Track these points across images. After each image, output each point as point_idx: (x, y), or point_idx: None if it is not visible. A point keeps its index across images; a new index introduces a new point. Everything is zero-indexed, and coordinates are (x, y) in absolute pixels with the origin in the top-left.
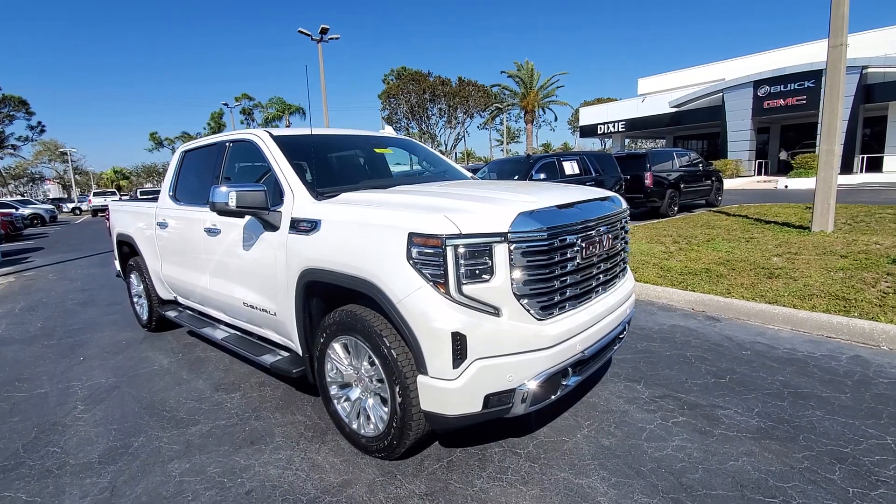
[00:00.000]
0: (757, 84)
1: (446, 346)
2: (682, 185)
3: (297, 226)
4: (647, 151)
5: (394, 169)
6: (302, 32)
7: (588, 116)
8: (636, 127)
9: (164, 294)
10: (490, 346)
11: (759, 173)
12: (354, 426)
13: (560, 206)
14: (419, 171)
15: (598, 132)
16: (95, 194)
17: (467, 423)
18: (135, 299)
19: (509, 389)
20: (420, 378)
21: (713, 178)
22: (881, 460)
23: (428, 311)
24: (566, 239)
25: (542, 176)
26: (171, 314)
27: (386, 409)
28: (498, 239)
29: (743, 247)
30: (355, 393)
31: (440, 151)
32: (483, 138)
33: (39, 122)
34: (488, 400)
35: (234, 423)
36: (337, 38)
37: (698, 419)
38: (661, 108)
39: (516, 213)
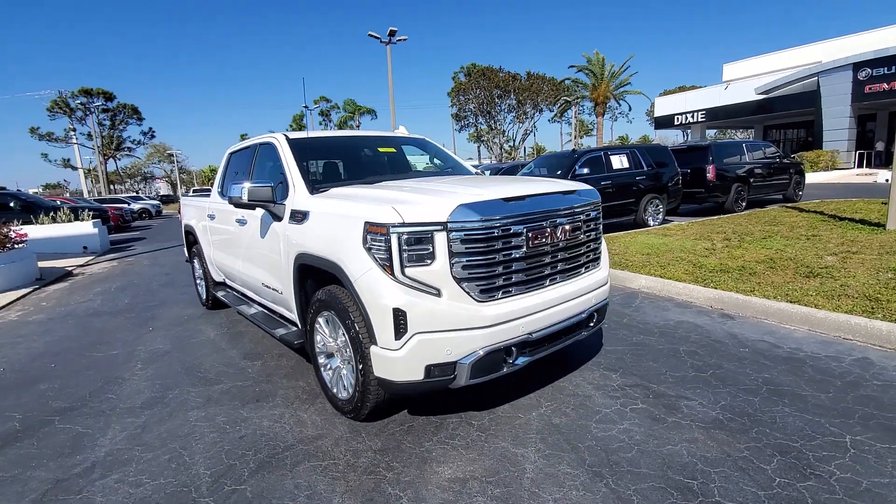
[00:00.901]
0: (857, 66)
1: (389, 320)
2: (751, 180)
3: (294, 216)
4: (710, 143)
5: (419, 166)
6: (372, 36)
7: (664, 107)
8: (718, 116)
9: (216, 276)
10: (429, 322)
11: (861, 165)
12: (334, 391)
13: (507, 199)
14: (429, 167)
15: (676, 123)
16: (194, 191)
17: (415, 390)
18: (197, 281)
19: (450, 362)
20: (373, 348)
21: (791, 172)
22: (826, 456)
23: (376, 290)
24: (510, 229)
25: (586, 171)
26: (220, 294)
27: (353, 376)
28: (438, 228)
29: (799, 245)
30: (336, 362)
31: (510, 146)
32: (554, 132)
33: (150, 128)
34: (430, 370)
35: (249, 384)
36: (405, 40)
37: (658, 408)
38: (747, 96)
39: (456, 204)
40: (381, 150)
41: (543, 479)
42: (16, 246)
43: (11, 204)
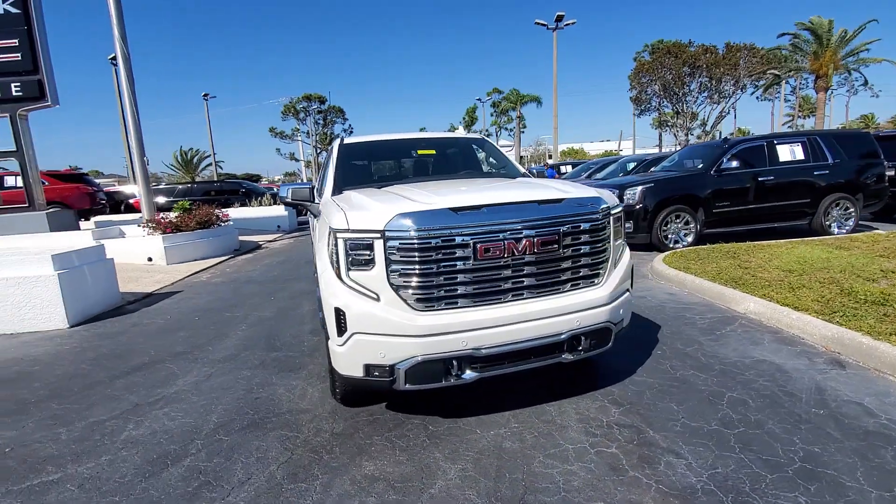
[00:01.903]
0: None
1: (333, 318)
2: None
3: (317, 214)
4: None
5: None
6: (538, 24)
7: None
8: None
9: None
10: (366, 324)
11: None
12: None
13: (457, 209)
14: (485, 169)
15: None
16: None
17: (360, 386)
18: None
19: (388, 365)
20: (329, 342)
21: None
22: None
23: (326, 289)
24: (453, 240)
25: (735, 165)
26: None
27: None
28: (376, 235)
29: None
30: None
31: (703, 131)
32: (763, 112)
33: (350, 126)
34: (368, 369)
35: (295, 356)
36: (573, 23)
37: (630, 457)
38: None
39: (393, 214)
40: (419, 153)
41: (442, 498)
42: (221, 224)
43: (241, 190)
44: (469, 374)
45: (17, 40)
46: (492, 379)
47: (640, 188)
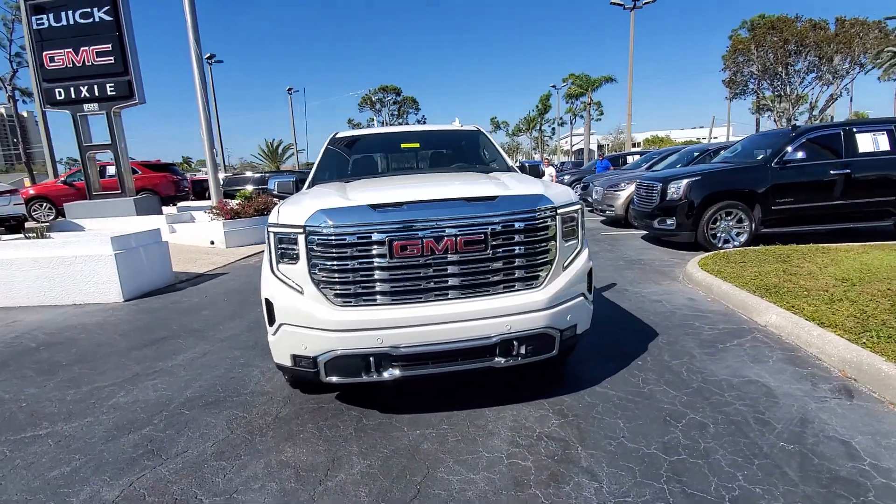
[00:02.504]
0: None
1: (264, 308)
2: None
3: None
4: None
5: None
6: (614, 4)
7: None
8: None
9: None
10: (291, 316)
11: None
12: None
13: (376, 206)
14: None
15: None
16: None
17: (291, 374)
18: None
19: (311, 356)
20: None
21: None
22: None
23: (263, 280)
24: (370, 237)
25: (801, 155)
26: None
27: None
28: (299, 231)
29: None
30: None
31: (810, 116)
32: (887, 94)
33: (423, 116)
34: (295, 359)
35: None
36: (652, 1)
37: (541, 472)
38: None
39: (314, 210)
40: (404, 146)
41: (334, 492)
42: None
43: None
44: (391, 372)
45: (110, 45)
46: (441, 376)
47: (684, 181)
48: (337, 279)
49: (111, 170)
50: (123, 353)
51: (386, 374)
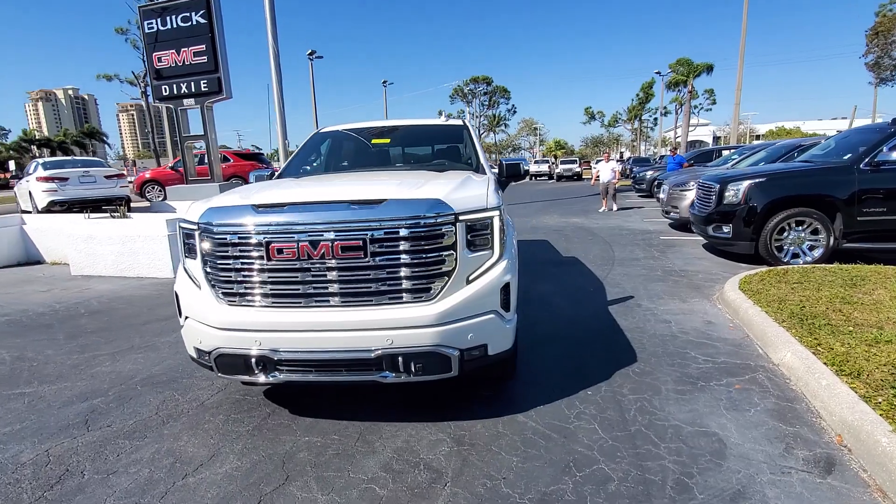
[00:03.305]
0: None
1: (175, 300)
2: None
3: None
4: None
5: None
6: None
7: None
8: None
9: None
10: (191, 310)
11: None
12: None
13: (259, 206)
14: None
15: None
16: (536, 162)
17: (200, 366)
18: None
19: (206, 351)
20: None
21: None
22: None
23: (177, 273)
24: (249, 238)
25: None
26: None
27: None
28: (195, 227)
29: None
30: None
31: None
32: None
33: (513, 105)
34: (198, 352)
35: None
36: None
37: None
38: None
39: (206, 207)
40: (374, 142)
41: (186, 489)
42: None
43: None
44: (275, 376)
45: (204, 45)
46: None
47: (745, 183)
48: (222, 278)
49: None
50: (138, 326)
51: (271, 377)
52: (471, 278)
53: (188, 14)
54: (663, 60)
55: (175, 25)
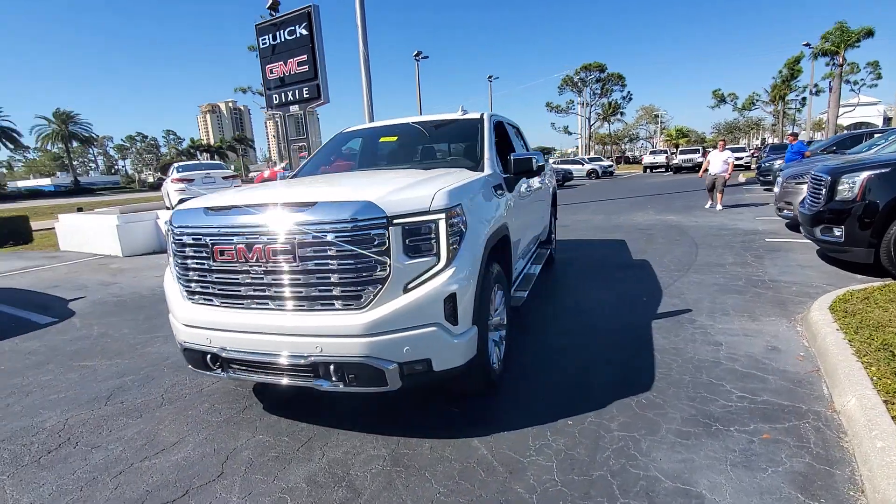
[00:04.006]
0: None
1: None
2: None
3: None
4: None
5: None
6: None
7: None
8: None
9: None
10: (170, 305)
11: None
12: None
13: (210, 209)
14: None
15: None
16: (652, 153)
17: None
18: None
19: (179, 343)
20: None
21: None
22: None
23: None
24: (200, 239)
25: None
26: None
27: None
28: (168, 227)
29: None
30: None
31: None
32: None
33: (629, 92)
34: (181, 344)
35: None
36: None
37: None
38: None
39: (175, 209)
40: (381, 140)
41: (134, 473)
42: None
43: None
44: (226, 374)
45: (306, 55)
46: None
47: (864, 175)
48: (183, 276)
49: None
50: None
51: (224, 374)
52: (409, 287)
53: (294, 28)
54: (811, 32)
55: (283, 39)
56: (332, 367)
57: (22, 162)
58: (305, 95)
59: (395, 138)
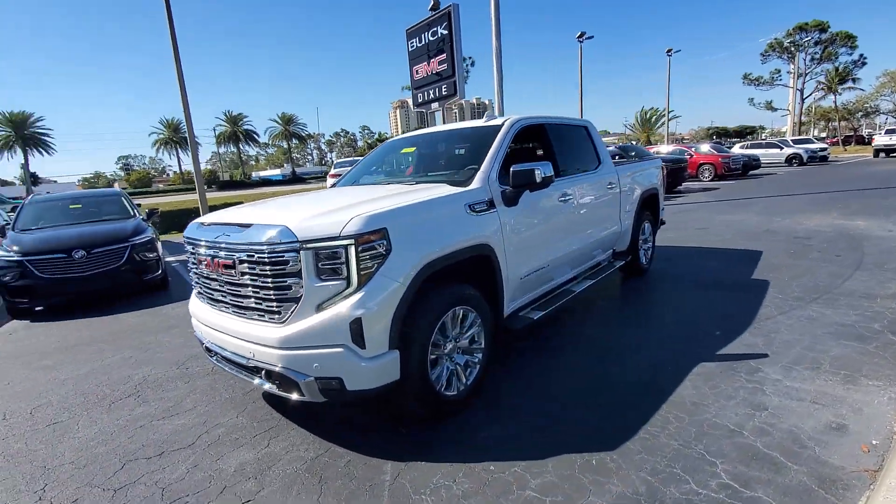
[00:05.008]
0: None
1: None
2: None
3: None
4: None
5: None
6: None
7: None
8: None
9: None
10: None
11: None
12: None
13: (202, 224)
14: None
15: None
16: (888, 132)
17: None
18: None
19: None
20: None
21: None
22: None
23: None
24: (193, 247)
25: None
26: None
27: None
28: None
29: None
30: None
31: None
32: None
33: (861, 55)
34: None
35: None
36: None
37: None
38: None
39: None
40: (403, 151)
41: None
42: None
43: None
44: (214, 360)
45: (445, 54)
46: None
47: None
48: (192, 276)
49: None
50: None
51: (215, 361)
52: (321, 307)
53: (436, 28)
54: None
55: (427, 41)
56: (263, 371)
57: (264, 156)
58: (444, 93)
59: (413, 149)
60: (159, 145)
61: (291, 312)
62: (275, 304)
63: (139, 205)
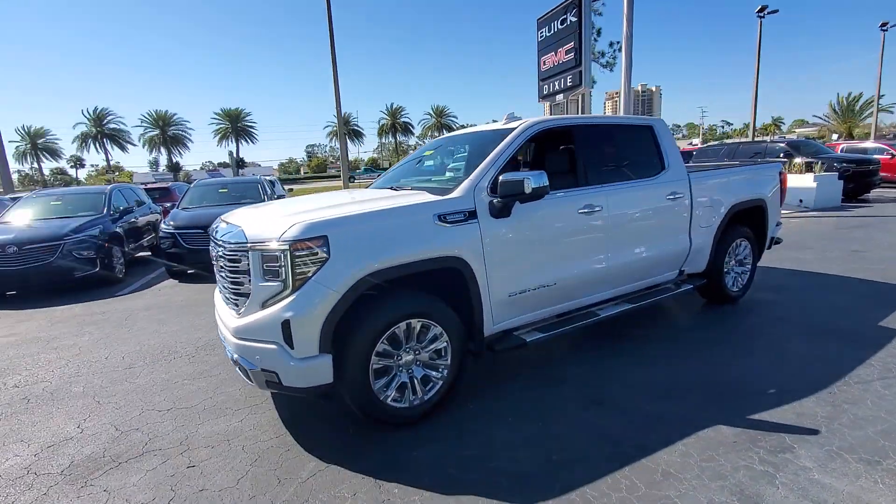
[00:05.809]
0: None
1: None
2: None
3: None
4: None
5: None
6: None
7: None
8: None
9: None
10: None
11: None
12: None
13: (223, 219)
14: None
15: None
16: None
17: None
18: None
19: None
20: None
21: None
22: None
23: None
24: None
25: None
26: None
27: None
28: None
29: None
30: None
31: None
32: None
33: None
34: None
35: None
36: None
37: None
38: None
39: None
40: (425, 153)
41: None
42: None
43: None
44: None
45: (573, 43)
46: None
47: None
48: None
49: None
50: None
51: None
52: (265, 304)
53: (565, 16)
54: None
55: (555, 30)
56: (237, 354)
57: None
58: (569, 84)
59: (432, 152)
60: (332, 136)
61: (245, 306)
62: (235, 297)
63: (291, 189)
